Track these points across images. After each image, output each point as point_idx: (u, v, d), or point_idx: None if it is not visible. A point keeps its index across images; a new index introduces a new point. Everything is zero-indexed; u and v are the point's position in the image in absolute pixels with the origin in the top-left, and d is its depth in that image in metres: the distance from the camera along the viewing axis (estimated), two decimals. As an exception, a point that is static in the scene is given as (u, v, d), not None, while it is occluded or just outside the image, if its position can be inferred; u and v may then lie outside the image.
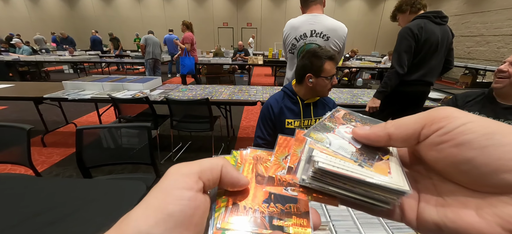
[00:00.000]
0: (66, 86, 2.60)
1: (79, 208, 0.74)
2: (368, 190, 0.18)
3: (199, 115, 2.26)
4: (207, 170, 0.17)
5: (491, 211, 0.14)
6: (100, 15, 12.26)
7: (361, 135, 0.21)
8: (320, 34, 1.53)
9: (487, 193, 0.15)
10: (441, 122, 0.16)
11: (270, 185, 0.20)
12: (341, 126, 0.24)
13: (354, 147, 0.21)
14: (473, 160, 0.15)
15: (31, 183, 0.89)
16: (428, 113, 0.17)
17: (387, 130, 0.19)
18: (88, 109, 4.04)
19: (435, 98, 2.48)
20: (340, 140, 0.22)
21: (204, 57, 6.91)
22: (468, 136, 0.15)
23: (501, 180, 0.14)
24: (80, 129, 1.31)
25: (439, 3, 9.45)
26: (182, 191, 0.16)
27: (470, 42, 8.06)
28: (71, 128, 3.21)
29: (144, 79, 2.80)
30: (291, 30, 1.61)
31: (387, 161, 0.19)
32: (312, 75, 1.10)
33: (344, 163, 0.19)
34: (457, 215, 0.16)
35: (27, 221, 0.68)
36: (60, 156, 2.52)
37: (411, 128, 0.18)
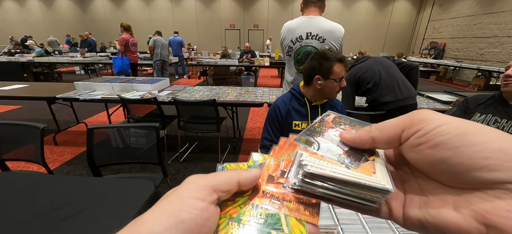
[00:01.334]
0: (77, 86, 2.67)
1: (90, 206, 0.76)
2: (354, 190, 0.19)
3: (206, 116, 2.28)
4: (223, 184, 0.19)
5: (467, 207, 0.15)
6: (110, 18, 12.58)
7: (347, 138, 0.22)
8: (315, 36, 1.54)
9: (463, 189, 0.16)
10: (419, 124, 0.17)
11: (270, 183, 0.22)
12: (330, 130, 0.25)
13: (341, 150, 0.22)
14: (448, 159, 0.16)
15: (44, 180, 0.92)
16: (407, 116, 0.18)
17: (371, 133, 0.21)
18: (98, 109, 4.13)
19: (446, 100, 2.42)
20: (329, 143, 0.23)
21: (211, 58, 6.97)
22: (443, 137, 0.16)
23: (474, 178, 0.15)
24: (91, 128, 1.34)
25: (451, 4, 9.24)
26: (196, 200, 0.17)
27: (483, 44, 7.83)
28: (81, 127, 3.29)
29: (153, 80, 2.84)
30: (288, 33, 1.62)
31: (373, 162, 0.20)
32: (320, 77, 1.09)
33: (331, 165, 0.20)
34: (437, 211, 0.17)
35: (40, 217, 0.70)
36: (71, 155, 2.59)
37: (392, 131, 0.19)
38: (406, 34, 12.16)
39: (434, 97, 2.56)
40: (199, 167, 2.38)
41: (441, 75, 8.52)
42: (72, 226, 0.69)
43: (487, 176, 0.14)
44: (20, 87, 2.88)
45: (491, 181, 0.14)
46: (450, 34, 9.27)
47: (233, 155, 2.63)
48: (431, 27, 10.45)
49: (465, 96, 1.34)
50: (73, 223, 0.70)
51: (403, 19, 11.78)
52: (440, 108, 2.26)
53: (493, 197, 0.14)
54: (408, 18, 11.74)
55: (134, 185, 0.90)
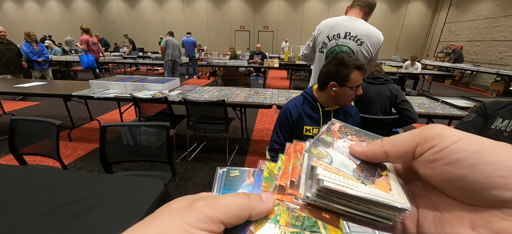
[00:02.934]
0: (92, 85, 2.76)
1: (101, 202, 0.77)
2: (372, 207, 0.18)
3: (215, 116, 2.29)
4: (233, 216, 0.17)
5: (484, 226, 0.15)
6: (125, 18, 12.94)
7: (359, 152, 0.22)
8: (354, 38, 1.48)
9: (480, 206, 0.16)
10: (434, 140, 0.17)
11: (281, 194, 0.21)
12: (338, 140, 0.25)
13: (354, 163, 0.21)
14: (464, 177, 0.15)
15: (58, 175, 0.95)
16: (421, 131, 0.18)
17: (384, 147, 0.20)
18: (111, 107, 4.25)
19: (462, 106, 2.31)
20: (340, 155, 0.22)
21: (220, 59, 7.03)
22: (459, 155, 0.16)
23: (491, 196, 0.15)
24: (104, 126, 1.37)
25: (468, 6, 8.90)
26: (202, 233, 0.16)
27: (502, 47, 7.48)
28: (94, 124, 3.40)
29: (164, 80, 2.89)
30: (325, 28, 1.57)
31: (386, 177, 0.20)
32: (336, 83, 1.04)
33: (347, 180, 0.19)
34: (454, 231, 0.17)
35: (54, 211, 0.72)
36: (84, 151, 2.67)
37: (406, 145, 0.19)
38: (420, 37, 11.81)
39: (449, 102, 2.46)
40: (206, 166, 2.39)
41: (457, 79, 8.21)
42: (83, 221, 0.71)
43: (505, 195, 0.14)
44: (38, 85, 3.00)
45: (508, 200, 0.14)
46: (468, 37, 8.92)
47: (241, 156, 2.63)
48: (447, 30, 10.09)
49: (482, 102, 1.29)
50: (85, 218, 0.71)
51: (417, 21, 11.45)
52: (457, 114, 2.17)
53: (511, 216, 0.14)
54: (423, 20, 11.40)
55: (144, 183, 0.91)
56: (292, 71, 6.78)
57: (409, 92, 6.02)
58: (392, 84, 1.85)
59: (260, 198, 0.19)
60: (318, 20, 1.65)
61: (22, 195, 0.81)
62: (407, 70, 6.11)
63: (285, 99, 2.46)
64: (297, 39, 12.38)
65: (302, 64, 6.11)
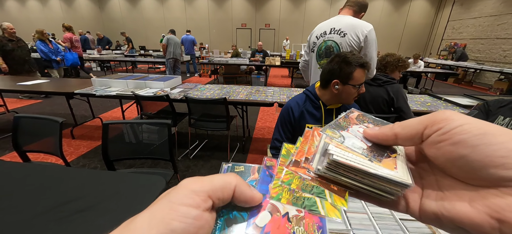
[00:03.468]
0: (94, 83, 2.77)
1: (104, 199, 0.78)
2: (376, 181, 0.20)
3: (217, 114, 2.29)
4: (219, 189, 0.18)
5: (481, 202, 0.16)
6: (126, 16, 12.95)
7: (371, 134, 0.23)
8: (338, 31, 1.55)
9: (479, 186, 0.17)
10: (441, 123, 0.18)
11: (295, 167, 0.24)
12: (354, 126, 0.26)
13: (365, 145, 0.23)
14: (466, 156, 0.16)
15: (62, 173, 0.96)
16: (430, 115, 0.19)
17: (394, 130, 0.21)
18: (113, 105, 4.27)
19: (465, 105, 2.30)
20: (353, 138, 0.24)
21: (222, 57, 7.02)
22: (463, 136, 0.17)
23: (490, 174, 0.16)
24: (107, 124, 1.38)
25: (473, 3, 8.80)
26: (189, 208, 0.16)
27: (507, 45, 7.41)
28: (97, 122, 3.42)
29: (165, 78, 2.90)
30: (315, 30, 1.69)
31: (394, 158, 0.22)
32: (338, 81, 1.03)
33: (355, 157, 0.21)
34: (452, 205, 0.18)
35: (58, 208, 0.73)
36: (87, 148, 2.69)
37: (415, 128, 0.20)
38: (423, 35, 11.71)
39: (452, 101, 2.44)
40: (208, 164, 2.40)
41: (460, 78, 8.14)
42: (86, 218, 0.71)
43: (502, 174, 0.15)
44: (40, 83, 3.02)
45: (506, 179, 0.15)
46: (471, 35, 8.83)
47: (242, 154, 2.63)
48: (450, 28, 10.00)
49: (484, 100, 1.29)
50: (88, 215, 0.72)
51: (420, 19, 11.35)
52: (460, 112, 2.15)
53: (508, 194, 0.15)
54: (426, 18, 11.30)
55: (146, 180, 0.91)
56: (294, 69, 6.76)
57: (411, 90, 5.98)
58: (393, 85, 1.78)
59: (248, 185, 0.20)
60: (320, 18, 1.69)
61: (26, 192, 0.81)
62: (410, 68, 6.07)
63: (287, 97, 2.45)
64: (298, 38, 12.33)
65: (304, 62, 6.09)
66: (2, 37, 3.97)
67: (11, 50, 4.01)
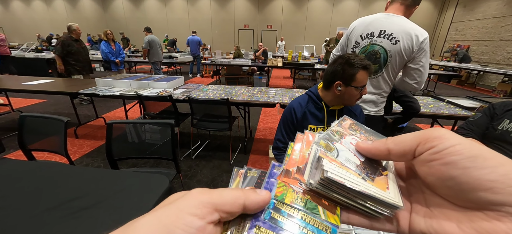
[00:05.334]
0: (98, 83, 2.80)
1: (109, 196, 0.79)
2: (367, 201, 0.20)
3: (219, 115, 2.31)
4: (227, 204, 0.18)
5: (468, 224, 0.17)
6: (129, 17, 13.06)
7: (364, 148, 0.23)
8: (388, 36, 1.33)
9: (467, 208, 0.17)
10: (434, 141, 0.18)
11: (287, 177, 0.23)
12: (347, 137, 0.26)
13: (358, 160, 0.23)
14: (457, 177, 0.17)
15: (67, 171, 0.97)
16: (424, 132, 0.19)
17: (387, 145, 0.21)
18: (116, 105, 4.30)
19: (468, 106, 2.29)
20: (346, 151, 0.24)
21: (224, 58, 7.05)
22: (455, 157, 0.17)
23: (478, 197, 0.16)
24: (111, 123, 1.40)
25: (476, 5, 8.75)
26: (194, 218, 0.16)
27: (511, 47, 7.35)
28: (100, 121, 3.45)
29: (168, 79, 2.92)
30: (359, 26, 1.44)
31: (386, 177, 0.22)
32: (341, 83, 1.03)
33: (349, 175, 0.21)
34: (440, 225, 0.18)
35: (65, 204, 0.74)
36: (90, 147, 2.71)
37: (408, 144, 0.20)
38: (426, 36, 11.66)
39: (455, 102, 2.43)
40: (210, 164, 2.41)
41: (463, 79, 8.09)
42: (91, 215, 0.72)
43: (490, 197, 0.15)
44: (45, 83, 3.05)
45: (492, 202, 0.15)
46: (475, 36, 8.78)
47: (244, 154, 2.64)
48: (453, 29, 9.95)
49: (489, 103, 1.26)
50: (93, 212, 0.73)
51: (423, 20, 11.30)
52: (462, 114, 2.14)
53: (493, 218, 0.16)
54: (429, 19, 11.25)
55: (150, 179, 0.93)
56: (296, 71, 6.76)
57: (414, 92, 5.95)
58: None
59: (254, 190, 0.20)
60: (323, 19, 1.66)
61: (32, 190, 0.83)
62: (412, 70, 6.04)
63: (289, 98, 2.46)
64: (301, 39, 12.34)
65: (306, 63, 6.08)
66: (69, 37, 3.90)
67: (76, 51, 3.94)
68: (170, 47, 10.12)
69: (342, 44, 1.60)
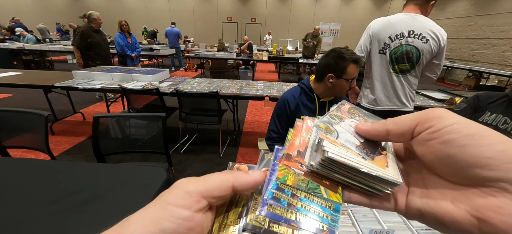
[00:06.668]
0: (75, 76, 2.63)
1: (107, 191, 0.78)
2: (367, 179, 0.21)
3: (208, 108, 2.29)
4: (214, 189, 0.18)
5: (463, 201, 0.17)
6: (104, 6, 12.20)
7: (363, 129, 0.24)
8: (419, 36, 1.43)
9: (463, 185, 0.17)
10: (433, 121, 0.18)
11: (288, 161, 0.23)
12: (346, 120, 0.26)
13: (358, 141, 0.23)
14: (454, 155, 0.17)
15: (58, 167, 0.93)
16: (423, 112, 0.20)
17: (387, 126, 0.22)
18: (94, 99, 4.07)
19: (440, 98, 2.50)
20: (346, 133, 0.24)
21: (208, 51, 6.91)
22: (453, 135, 0.17)
23: (474, 174, 0.16)
24: (97, 117, 1.34)
25: (446, 4, 9.39)
26: (180, 209, 0.16)
27: (475, 45, 8.03)
28: (78, 117, 3.25)
29: (153, 71, 2.82)
30: (385, 28, 1.48)
31: (385, 156, 0.22)
32: (333, 75, 1.09)
33: (349, 154, 0.21)
34: (436, 203, 0.18)
35: (60, 201, 0.71)
36: (69, 144, 2.56)
37: (407, 125, 0.20)
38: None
39: (428, 95, 2.65)
40: (200, 158, 2.40)
41: (434, 74, 8.70)
42: (91, 209, 0.71)
43: (485, 174, 0.16)
44: (12, 75, 2.80)
45: (488, 179, 0.16)
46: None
47: (233, 147, 2.66)
48: (426, 27, 10.59)
49: (458, 95, 1.33)
50: (92, 207, 0.72)
51: (399, 18, 11.91)
52: (435, 106, 2.34)
53: (488, 194, 0.16)
54: (404, 17, 11.87)
55: (147, 172, 0.92)
56: (281, 65, 6.83)
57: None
58: None
59: (245, 172, 0.20)
60: (306, 14, 1.66)
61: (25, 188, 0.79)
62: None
63: (277, 91, 2.50)
64: (284, 33, 12.42)
65: (291, 57, 6.17)
66: (89, 27, 3.48)
67: (97, 43, 3.55)
68: (150, 39, 9.68)
69: (365, 44, 1.58)
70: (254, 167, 0.26)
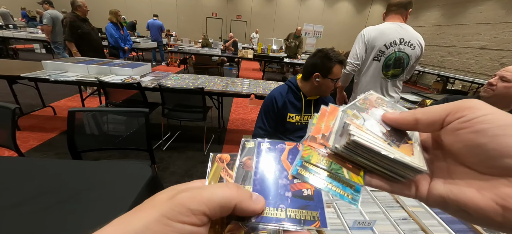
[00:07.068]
0: (45, 66, 2.42)
1: (87, 189, 0.74)
2: (392, 165, 0.21)
3: (192, 105, 2.24)
4: (217, 207, 0.17)
5: (489, 190, 0.17)
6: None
7: (391, 118, 0.23)
8: (408, 43, 1.57)
9: (490, 175, 0.17)
10: (465, 111, 0.18)
11: (313, 142, 0.25)
12: (374, 108, 0.26)
13: (384, 129, 0.23)
14: (485, 145, 0.17)
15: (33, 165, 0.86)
16: (455, 103, 0.19)
17: (415, 115, 0.21)
18: (66, 92, 3.79)
19: (413, 100, 2.69)
20: (373, 120, 0.24)
21: (192, 47, 6.74)
22: (485, 125, 0.17)
23: (504, 163, 0.16)
24: (72, 111, 1.25)
25: (420, 13, 10.04)
26: (184, 225, 0.16)
27: (443, 52, 8.71)
28: (48, 111, 3.01)
29: (133, 65, 2.69)
30: (379, 35, 1.58)
31: (411, 145, 0.23)
32: (319, 74, 1.13)
33: (375, 139, 0.21)
34: (460, 190, 0.18)
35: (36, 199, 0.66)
36: (37, 141, 2.36)
37: (437, 114, 0.20)
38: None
39: (402, 96, 2.84)
40: (183, 156, 2.35)
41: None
42: (70, 208, 0.67)
43: None
44: (-28, 63, 2.52)
45: None
46: (417, 41, 10.10)
47: (218, 144, 2.63)
48: (401, 33, 11.26)
49: (429, 97, 1.48)
50: (71, 206, 0.67)
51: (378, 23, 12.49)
52: (407, 107, 2.51)
53: None
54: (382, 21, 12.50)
55: (130, 169, 0.88)
56: (266, 63, 6.87)
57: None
58: None
59: (250, 195, 0.19)
60: (292, 14, 1.68)
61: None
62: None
63: (263, 89, 2.52)
64: (269, 32, 12.48)
65: (276, 56, 6.22)
66: (74, 16, 3.08)
67: (87, 33, 3.18)
68: (129, 31, 9.19)
69: (360, 52, 1.66)
70: (236, 156, 0.26)
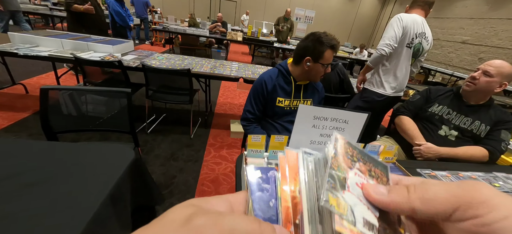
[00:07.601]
0: (13, 39, 2.20)
1: (63, 170, 0.68)
2: None
3: (179, 86, 2.16)
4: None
5: None
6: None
7: (379, 202, 0.20)
8: (425, 37, 1.72)
9: None
10: (479, 208, 0.15)
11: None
12: (350, 173, 0.22)
13: (374, 217, 0.20)
14: None
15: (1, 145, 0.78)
16: (463, 192, 0.16)
17: (412, 203, 0.18)
18: (38, 70, 3.51)
19: (398, 90, 2.76)
20: (360, 205, 0.20)
21: (178, 26, 6.41)
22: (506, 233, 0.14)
23: None
24: (45, 89, 1.15)
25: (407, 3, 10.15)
26: None
27: (427, 44, 8.98)
28: (18, 89, 2.78)
29: (113, 42, 2.52)
30: (412, 24, 1.65)
31: None
32: (310, 59, 1.11)
33: None
34: None
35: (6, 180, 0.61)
36: (8, 121, 2.19)
37: (441, 207, 0.17)
38: (369, 27, 13.06)
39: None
40: (169, 139, 2.29)
41: (392, 68, 9.56)
42: (42, 191, 0.62)
43: None
44: None
45: None
46: (404, 31, 10.31)
47: (205, 128, 2.59)
48: (389, 23, 11.42)
49: (428, 87, 1.55)
50: (44, 188, 0.63)
51: (369, 12, 12.54)
52: (393, 96, 2.57)
53: None
54: (373, 11, 12.55)
55: (111, 151, 0.83)
56: (255, 47, 6.72)
57: (356, 76, 6.77)
58: (339, 66, 2.00)
59: (273, 230, 0.16)
60: None
61: None
62: (356, 56, 6.80)
63: (252, 73, 2.47)
64: (260, 15, 12.13)
65: (266, 40, 6.09)
66: None
67: (94, 8, 2.83)
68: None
69: (397, 35, 1.65)
70: None
